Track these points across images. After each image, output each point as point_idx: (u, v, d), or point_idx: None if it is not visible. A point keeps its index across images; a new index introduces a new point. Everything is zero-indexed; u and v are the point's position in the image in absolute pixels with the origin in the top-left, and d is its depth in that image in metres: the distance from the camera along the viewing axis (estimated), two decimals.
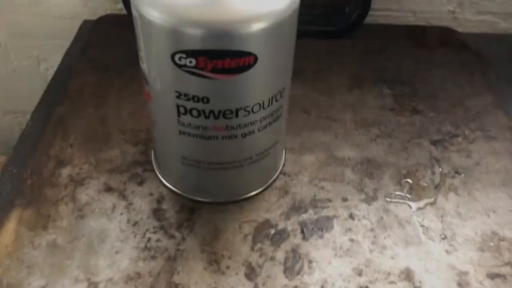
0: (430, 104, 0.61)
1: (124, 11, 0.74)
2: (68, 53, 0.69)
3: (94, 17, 0.76)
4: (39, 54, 0.83)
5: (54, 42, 0.80)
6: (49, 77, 0.64)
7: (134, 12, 0.39)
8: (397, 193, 0.49)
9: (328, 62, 0.67)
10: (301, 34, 0.42)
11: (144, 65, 0.41)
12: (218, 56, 0.37)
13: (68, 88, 0.61)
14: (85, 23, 0.76)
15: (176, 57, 0.38)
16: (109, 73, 0.63)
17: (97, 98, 0.59)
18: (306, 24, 0.68)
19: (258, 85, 0.40)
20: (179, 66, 0.38)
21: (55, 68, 0.66)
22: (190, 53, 0.37)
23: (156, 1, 0.37)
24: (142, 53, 0.41)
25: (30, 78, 0.85)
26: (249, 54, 0.38)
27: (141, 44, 0.40)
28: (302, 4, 0.40)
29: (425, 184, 0.50)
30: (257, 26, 0.37)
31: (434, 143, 0.55)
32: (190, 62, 0.37)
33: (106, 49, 0.68)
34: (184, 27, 0.36)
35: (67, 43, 0.72)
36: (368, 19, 0.71)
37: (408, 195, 0.49)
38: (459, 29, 0.77)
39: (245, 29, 0.37)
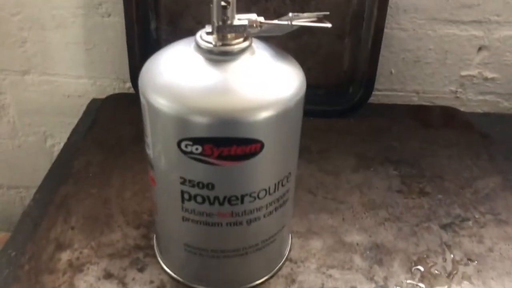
0: (437, 185, 0.60)
1: (132, 90, 0.75)
2: (75, 131, 0.70)
3: (103, 96, 0.78)
4: (46, 130, 0.84)
5: (62, 119, 0.81)
6: (55, 153, 0.64)
7: (141, 99, 0.39)
8: (408, 281, 0.47)
9: (333, 142, 0.67)
10: (306, 114, 0.42)
11: (150, 151, 0.41)
12: (225, 143, 0.37)
13: (72, 167, 0.61)
14: (93, 101, 0.77)
15: (183, 144, 0.37)
16: (114, 152, 0.63)
17: (101, 178, 0.59)
18: (310, 104, 0.69)
19: (264, 171, 0.40)
20: (185, 153, 0.38)
21: (61, 145, 0.66)
22: (196, 141, 0.37)
23: (163, 89, 0.37)
24: (149, 139, 0.41)
25: (36, 153, 0.86)
26: (255, 141, 0.38)
27: (148, 130, 0.40)
28: (306, 85, 0.41)
29: (437, 271, 0.48)
30: (264, 114, 0.37)
31: (444, 227, 0.54)
32: (196, 149, 0.37)
33: (112, 127, 0.68)
34: (190, 115, 0.36)
35: (74, 120, 0.72)
36: (372, 99, 0.72)
37: (420, 284, 0.47)
38: (462, 109, 0.78)
39: (252, 117, 0.37)
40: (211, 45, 0.38)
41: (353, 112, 0.72)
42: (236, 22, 0.38)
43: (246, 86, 0.37)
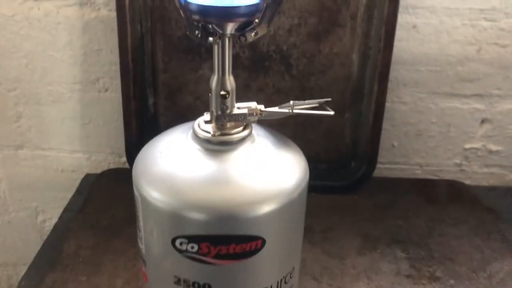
0: (448, 269, 0.56)
1: (127, 165, 0.73)
2: (67, 209, 0.67)
3: (97, 171, 0.75)
4: (38, 205, 0.81)
5: (54, 194, 0.79)
6: (46, 229, 0.61)
7: (135, 192, 0.37)
8: None
9: (337, 220, 0.64)
10: (307, 190, 0.39)
11: (142, 245, 0.38)
12: (223, 241, 0.34)
13: (62, 251, 0.58)
14: (87, 176, 0.75)
15: (177, 242, 0.35)
16: (106, 234, 0.60)
17: (91, 264, 0.55)
18: (311, 179, 0.67)
19: (266, 269, 0.37)
20: (180, 251, 0.35)
21: (52, 220, 0.63)
22: (192, 239, 0.34)
23: (157, 182, 0.35)
24: (141, 233, 0.38)
25: (26, 230, 0.82)
26: (256, 238, 0.35)
27: (141, 224, 0.38)
28: (307, 160, 0.39)
29: None
30: (265, 209, 0.34)
31: None
32: (192, 247, 0.34)
33: (105, 206, 0.65)
34: (186, 211, 0.34)
35: (67, 195, 0.70)
36: (374, 172, 0.70)
37: None
38: (468, 182, 0.76)
39: (253, 212, 0.34)
40: (209, 135, 0.37)
41: (356, 188, 0.70)
42: (235, 111, 0.37)
43: (246, 178, 0.35)
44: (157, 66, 0.66)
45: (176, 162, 0.36)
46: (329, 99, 0.39)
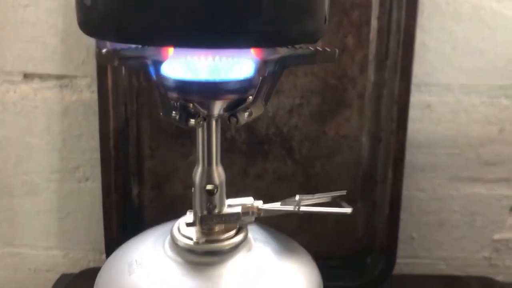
0: None
1: None
2: None
3: (75, 270, 0.66)
4: None
5: None
6: None
7: None
8: None
9: None
10: None
11: None
12: None
13: None
14: (63, 277, 0.65)
15: None
16: None
17: None
18: (322, 279, 0.58)
19: None
20: None
21: None
22: None
23: None
24: None
25: None
26: None
27: None
28: (316, 257, 0.30)
29: None
30: None
31: None
32: None
33: None
34: None
35: None
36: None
37: None
38: (500, 278, 0.66)
39: None
40: (191, 242, 0.28)
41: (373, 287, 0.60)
42: (226, 210, 0.29)
43: None
44: (142, 153, 0.59)
45: (147, 281, 0.27)
46: (344, 192, 0.32)
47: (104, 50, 0.24)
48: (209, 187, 0.28)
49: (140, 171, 0.59)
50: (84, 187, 0.64)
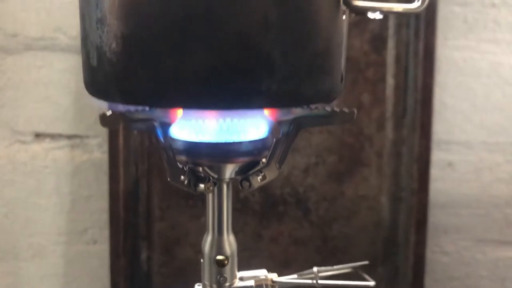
0: None
1: None
2: None
3: None
4: None
5: None
6: None
7: None
8: None
9: None
10: None
11: None
12: None
13: None
14: None
15: None
16: None
17: None
18: None
19: None
20: None
21: None
22: None
23: None
24: None
25: None
26: None
27: None
28: None
29: None
30: None
31: None
32: None
33: None
34: None
35: None
36: None
37: None
38: None
39: None
40: None
41: None
42: (237, 283, 0.27)
43: None
44: (152, 214, 0.57)
45: None
46: (366, 262, 0.29)
47: (108, 113, 0.23)
48: (219, 257, 0.26)
49: (150, 233, 0.57)
50: (92, 250, 0.61)
